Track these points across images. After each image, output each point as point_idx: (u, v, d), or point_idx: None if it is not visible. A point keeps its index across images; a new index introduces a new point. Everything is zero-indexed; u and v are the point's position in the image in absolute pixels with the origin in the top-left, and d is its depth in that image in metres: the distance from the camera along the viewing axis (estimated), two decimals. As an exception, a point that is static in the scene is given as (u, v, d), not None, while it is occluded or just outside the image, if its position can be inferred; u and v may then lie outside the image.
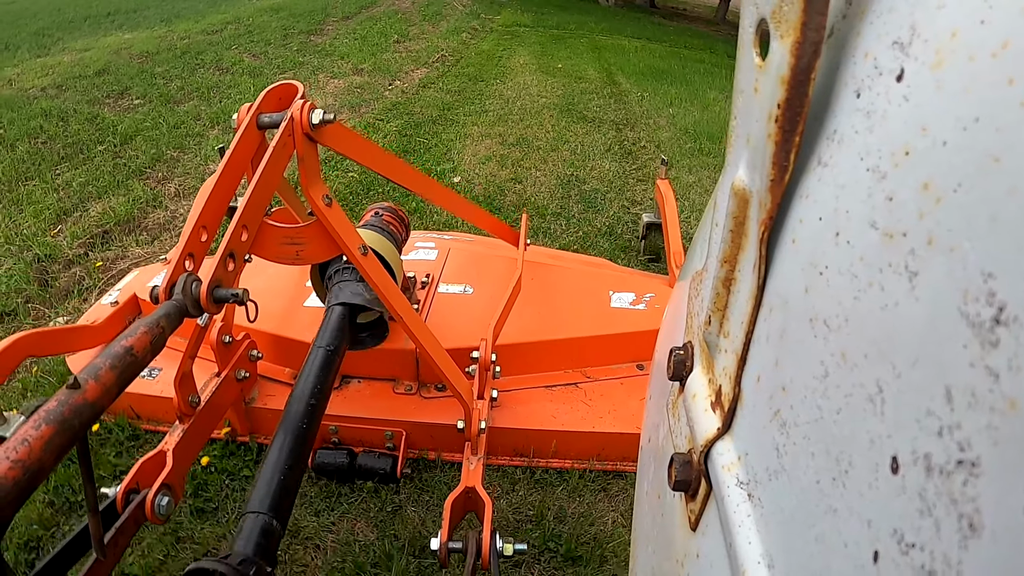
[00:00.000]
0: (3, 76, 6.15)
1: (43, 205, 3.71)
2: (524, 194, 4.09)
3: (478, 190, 4.10)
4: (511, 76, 7.10)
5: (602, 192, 4.14)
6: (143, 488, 1.48)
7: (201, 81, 6.23)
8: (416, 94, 6.26)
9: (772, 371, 0.51)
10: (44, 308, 2.90)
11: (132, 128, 4.90)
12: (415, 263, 2.54)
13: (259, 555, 1.16)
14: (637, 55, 9.09)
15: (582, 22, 11.63)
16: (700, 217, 3.44)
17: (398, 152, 4.60)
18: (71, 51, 7.24)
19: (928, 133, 0.36)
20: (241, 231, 1.35)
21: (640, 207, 3.94)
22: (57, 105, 5.30)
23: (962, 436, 0.31)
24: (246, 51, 7.46)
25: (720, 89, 7.39)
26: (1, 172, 4.03)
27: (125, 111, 5.36)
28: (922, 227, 0.35)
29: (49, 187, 3.94)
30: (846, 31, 0.48)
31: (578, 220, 3.76)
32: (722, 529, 0.55)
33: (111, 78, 6.19)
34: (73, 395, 0.90)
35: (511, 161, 4.57)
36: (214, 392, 1.74)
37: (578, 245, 3.43)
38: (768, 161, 0.49)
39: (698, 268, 0.74)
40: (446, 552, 1.48)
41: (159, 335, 1.10)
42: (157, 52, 7.18)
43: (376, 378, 2.17)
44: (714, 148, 5.05)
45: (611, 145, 5.05)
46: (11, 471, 0.78)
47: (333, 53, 7.63)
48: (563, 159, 4.67)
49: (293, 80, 1.55)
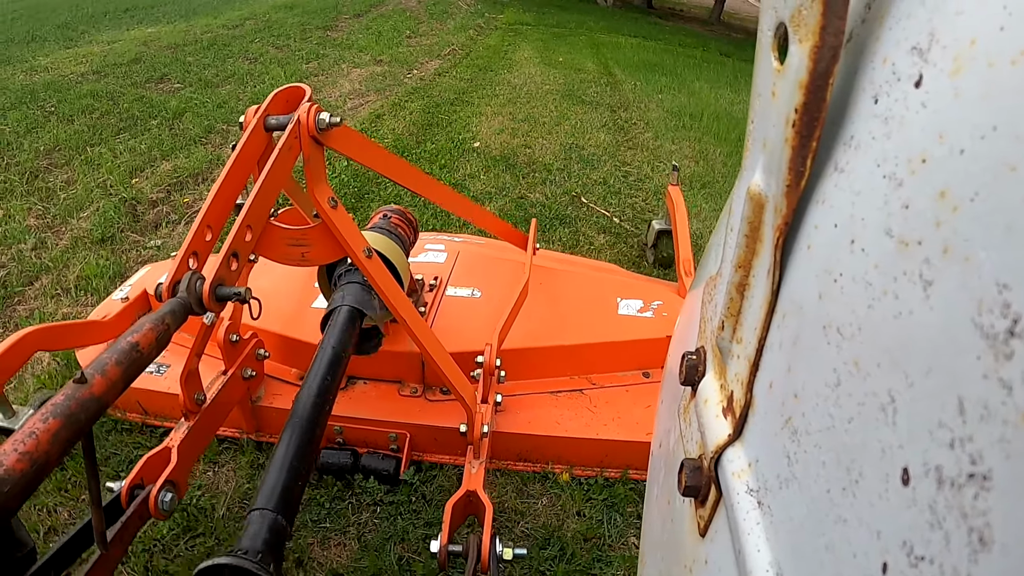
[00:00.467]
0: (38, 64, 6.54)
1: (115, 164, 4.21)
2: (533, 156, 4.78)
3: (495, 152, 4.81)
4: (517, 67, 7.72)
5: (598, 155, 4.92)
6: (147, 484, 1.48)
7: (233, 69, 6.69)
8: (433, 81, 6.87)
9: (784, 378, 0.50)
10: (137, 236, 3.42)
11: (180, 106, 5.39)
12: (424, 265, 2.54)
13: (266, 552, 1.16)
14: (632, 51, 9.70)
15: (581, 21, 12.23)
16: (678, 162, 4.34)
17: (423, 125, 5.35)
18: (98, 43, 7.60)
19: (945, 141, 0.36)
20: (245, 231, 1.36)
21: (629, 167, 4.76)
22: (102, 88, 5.79)
23: (974, 449, 0.31)
24: (269, 44, 7.91)
25: (706, 80, 8.10)
26: (67, 139, 4.56)
27: (169, 93, 5.84)
28: (938, 236, 0.35)
29: (116, 151, 4.44)
30: (865, 36, 0.48)
31: (578, 174, 4.53)
32: (731, 536, 0.54)
33: (146, 66, 6.63)
34: (80, 390, 0.91)
35: (521, 132, 5.28)
36: (220, 390, 1.74)
37: (578, 190, 4.25)
38: (784, 166, 0.49)
39: (712, 273, 0.73)
40: (446, 555, 1.48)
41: (164, 332, 1.11)
42: (184, 44, 7.62)
43: (382, 380, 2.17)
44: (694, 124, 5.95)
45: (606, 122, 5.81)
46: (19, 463, 0.79)
47: (352, 46, 8.15)
48: (565, 132, 5.42)
49: (301, 84, 1.56)
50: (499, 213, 3.80)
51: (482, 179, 4.29)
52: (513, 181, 4.32)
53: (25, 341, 1.76)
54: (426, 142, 4.95)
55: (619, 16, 14.26)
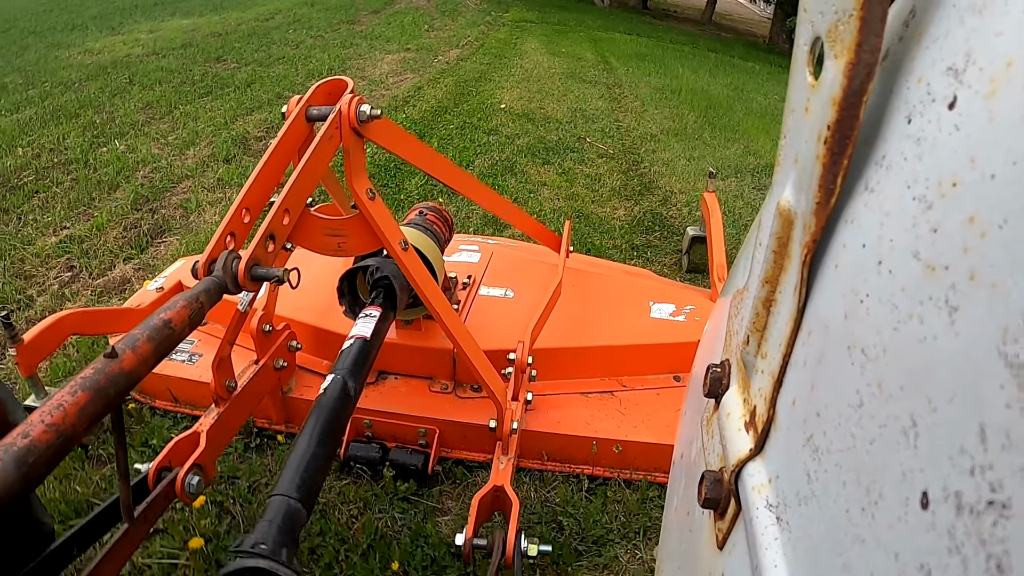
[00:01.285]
0: (91, 48, 7.45)
1: (209, 117, 5.35)
2: (547, 114, 6.25)
3: (517, 111, 6.25)
4: (526, 56, 9.08)
5: (597, 115, 6.43)
6: (175, 466, 1.51)
7: (280, 53, 7.78)
8: (457, 64, 8.18)
9: (808, 396, 0.50)
10: (251, 159, 4.55)
11: (247, 79, 6.52)
12: (458, 265, 2.56)
13: (283, 537, 1.17)
14: (627, 45, 11.28)
15: (580, 20, 13.57)
16: (659, 122, 6.19)
17: (457, 94, 6.64)
18: (141, 31, 8.52)
19: (977, 165, 0.35)
20: (283, 214, 1.37)
21: (620, 122, 6.28)
22: (167, 64, 6.88)
23: (994, 477, 0.31)
24: (304, 35, 8.93)
25: (689, 68, 9.72)
26: (155, 101, 5.68)
27: (231, 70, 6.94)
28: (965, 261, 0.35)
29: (206, 108, 5.58)
30: (901, 54, 0.47)
31: (582, 126, 5.99)
32: (749, 550, 0.54)
33: (199, 50, 7.65)
34: (110, 364, 0.91)
35: (536, 100, 6.75)
36: (251, 379, 1.77)
37: (582, 134, 5.68)
38: (815, 183, 0.49)
39: (740, 286, 0.73)
40: (470, 548, 1.49)
41: (198, 310, 1.10)
42: (225, 33, 8.66)
43: (413, 375, 2.19)
44: (674, 97, 7.60)
45: (603, 94, 7.34)
46: (45, 434, 0.80)
47: (379, 37, 9.32)
48: (570, 100, 6.91)
49: (343, 76, 1.58)
50: (525, 147, 5.15)
51: (510, 126, 5.70)
52: (533, 128, 5.71)
53: (62, 323, 1.81)
54: (462, 104, 6.31)
55: (615, 16, 15.83)
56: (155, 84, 6.10)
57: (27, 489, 0.78)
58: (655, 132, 5.97)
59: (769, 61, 12.89)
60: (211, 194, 3.98)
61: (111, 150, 4.48)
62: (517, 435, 1.78)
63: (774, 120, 7.14)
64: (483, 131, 5.46)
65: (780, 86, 9.62)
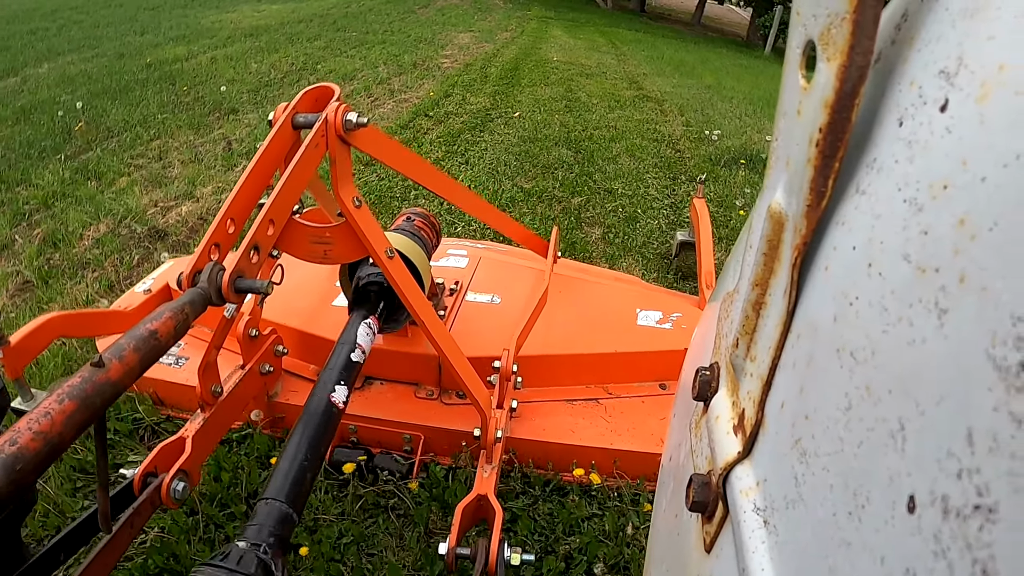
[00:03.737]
0: (217, 18, 10.71)
1: (377, 53, 8.94)
2: (581, 64, 9.85)
3: (563, 61, 9.86)
4: (555, 38, 12.70)
5: (611, 68, 9.92)
6: (160, 472, 1.49)
7: (381, 27, 11.35)
8: (512, 40, 11.67)
9: (796, 399, 0.50)
10: (414, 72, 7.98)
11: (379, 39, 10.08)
12: (445, 270, 2.55)
13: (272, 542, 1.17)
14: (627, 35, 15.19)
15: (588, 18, 17.66)
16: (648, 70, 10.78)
17: (520, 56, 9.94)
18: (241, 13, 11.52)
19: (968, 167, 0.35)
20: (267, 225, 1.36)
21: (625, 70, 9.92)
22: (301, 30, 10.20)
23: (981, 481, 0.30)
24: (386, 18, 12.43)
25: (671, 48, 13.91)
26: (325, 45, 9.20)
27: (361, 33, 10.47)
28: (955, 264, 0.35)
29: (368, 51, 9.08)
30: (893, 57, 0.47)
31: (601, 73, 9.34)
32: (736, 553, 0.54)
33: (322, 20, 11.30)
34: (97, 373, 0.92)
35: (572, 57, 10.44)
36: (237, 384, 1.76)
37: (605, 71, 9.46)
38: (806, 185, 0.49)
39: (730, 289, 0.73)
40: (454, 557, 1.48)
41: (183, 320, 1.12)
42: (326, 14, 12.15)
43: (399, 381, 2.18)
44: (659, 61, 11.56)
45: (613, 58, 11.00)
46: (32, 442, 0.80)
47: (444, 23, 12.73)
48: (593, 59, 10.57)
49: (330, 83, 1.58)
50: (574, 74, 8.85)
51: (561, 67, 9.31)
52: (576, 68, 9.44)
53: (47, 326, 1.79)
54: (528, 59, 9.78)
55: (617, 16, 20.12)
56: (305, 41, 9.28)
57: (15, 495, 0.79)
58: (647, 72, 10.00)
59: (739, 50, 17.20)
60: (395, 78, 7.66)
61: (324, 67, 7.87)
62: (501, 443, 1.78)
63: (723, 72, 11.67)
64: (547, 69, 9.06)
65: (738, 57, 15.32)
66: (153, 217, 3.73)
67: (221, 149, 4.88)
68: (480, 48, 10.32)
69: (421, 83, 7.41)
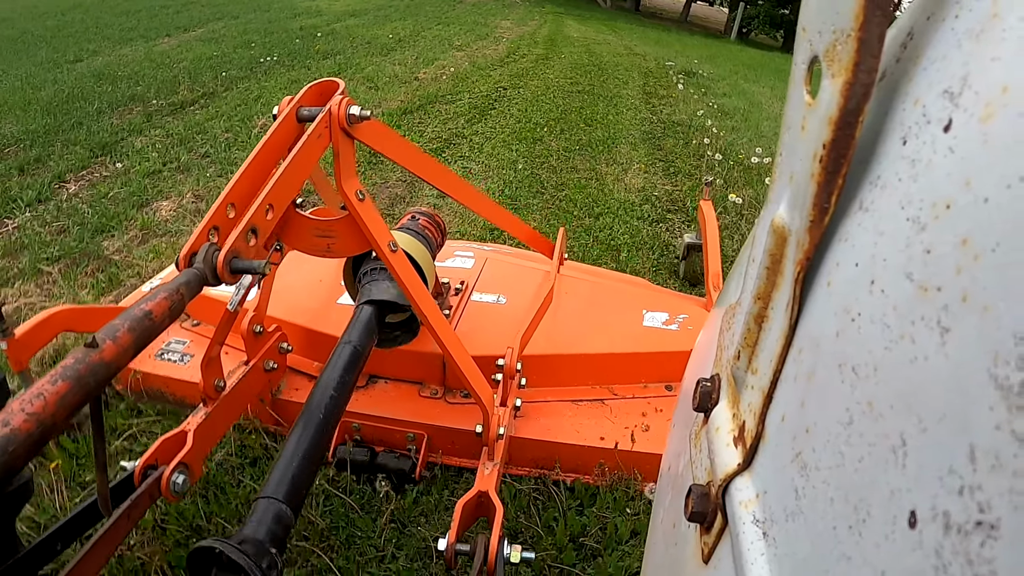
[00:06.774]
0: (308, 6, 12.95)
1: (456, 27, 12.15)
2: (592, 40, 13.20)
3: (582, 39, 13.11)
4: (571, 26, 15.44)
5: (610, 42, 13.38)
6: (161, 465, 1.50)
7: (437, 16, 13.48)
8: (540, 27, 14.11)
9: (797, 412, 0.50)
10: (489, 38, 11.66)
11: (447, 21, 12.87)
12: (451, 270, 2.55)
13: (269, 540, 1.17)
14: (624, 26, 18.82)
15: (592, 15, 21.02)
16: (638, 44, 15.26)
17: (551, 36, 12.56)
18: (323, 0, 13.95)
19: (971, 187, 0.36)
20: (266, 209, 1.34)
21: (624, 44, 13.48)
22: (391, 14, 12.84)
23: (983, 498, 0.31)
24: (432, 9, 14.61)
25: (657, 32, 18.43)
26: (412, 24, 11.79)
27: (431, 17, 13.17)
28: (957, 283, 0.35)
29: (447, 27, 12.06)
30: (898, 76, 0.48)
31: (605, 43, 12.81)
32: (734, 565, 0.54)
33: (392, 10, 13.50)
34: (90, 354, 0.91)
35: (585, 36, 13.67)
36: (240, 379, 1.76)
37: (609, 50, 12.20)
38: (809, 201, 0.49)
39: (732, 301, 0.73)
40: (453, 553, 1.49)
41: (178, 301, 1.11)
42: (388, 5, 14.22)
43: (403, 380, 2.19)
44: (650, 41, 15.13)
45: (616, 39, 14.11)
46: (25, 423, 0.80)
47: (486, 13, 15.06)
48: (599, 37, 13.82)
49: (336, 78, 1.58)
50: (585, 45, 12.21)
51: (582, 40, 12.71)
52: (590, 42, 12.50)
53: (51, 320, 1.80)
54: (556, 37, 12.55)
55: (615, 13, 24.23)
56: (402, 19, 12.21)
57: (7, 476, 0.79)
58: (636, 43, 13.76)
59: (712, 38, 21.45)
60: (476, 42, 10.70)
61: (428, 33, 11.00)
62: (504, 441, 1.78)
63: (691, 46, 15.99)
64: (572, 39, 12.40)
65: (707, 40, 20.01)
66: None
67: (401, 64, 8.43)
68: (521, 29, 13.45)
69: (496, 45, 10.82)
